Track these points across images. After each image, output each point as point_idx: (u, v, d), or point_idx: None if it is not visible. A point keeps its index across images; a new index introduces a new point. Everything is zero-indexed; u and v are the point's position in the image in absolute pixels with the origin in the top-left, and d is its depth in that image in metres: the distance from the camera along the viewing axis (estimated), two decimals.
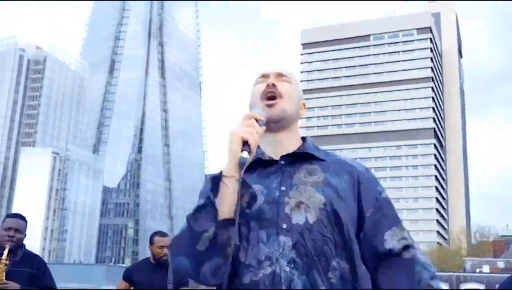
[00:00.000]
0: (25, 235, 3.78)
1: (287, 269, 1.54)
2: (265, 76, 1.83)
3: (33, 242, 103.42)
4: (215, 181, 1.62)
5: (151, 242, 4.53)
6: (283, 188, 1.65)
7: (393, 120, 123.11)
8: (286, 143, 1.77)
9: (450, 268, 58.01)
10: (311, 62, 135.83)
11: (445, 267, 58.42)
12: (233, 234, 1.53)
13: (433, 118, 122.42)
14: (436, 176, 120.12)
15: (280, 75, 1.82)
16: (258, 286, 1.55)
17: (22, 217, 3.81)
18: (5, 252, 3.49)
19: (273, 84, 1.77)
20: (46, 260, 3.58)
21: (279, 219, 1.60)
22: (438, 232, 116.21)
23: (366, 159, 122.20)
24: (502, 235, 65.62)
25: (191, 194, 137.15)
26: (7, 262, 3.49)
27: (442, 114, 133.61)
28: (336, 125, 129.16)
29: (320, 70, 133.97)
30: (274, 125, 1.74)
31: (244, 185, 1.59)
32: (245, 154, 1.56)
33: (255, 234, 1.60)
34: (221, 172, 1.61)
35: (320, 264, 1.56)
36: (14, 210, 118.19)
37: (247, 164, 1.57)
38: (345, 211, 1.63)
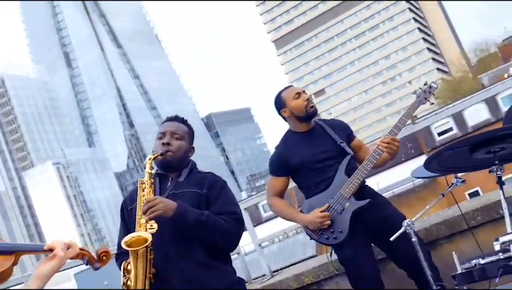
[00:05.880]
0: (192, 147, 2.67)
1: None
2: None
3: None
4: None
5: (282, 105, 3.18)
6: None
7: None
8: None
9: (468, 91, 55.87)
10: None
11: (464, 92, 57.06)
12: None
13: None
14: (414, 18, 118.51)
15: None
16: None
17: (180, 120, 2.67)
18: (147, 159, 2.49)
19: None
20: None
21: None
22: (438, 69, 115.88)
23: (342, 33, 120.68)
24: (504, 40, 62.89)
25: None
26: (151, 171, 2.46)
27: None
28: None
29: None
30: None
31: None
32: None
33: None
34: None
35: None
36: (46, 234, 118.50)
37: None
38: None
